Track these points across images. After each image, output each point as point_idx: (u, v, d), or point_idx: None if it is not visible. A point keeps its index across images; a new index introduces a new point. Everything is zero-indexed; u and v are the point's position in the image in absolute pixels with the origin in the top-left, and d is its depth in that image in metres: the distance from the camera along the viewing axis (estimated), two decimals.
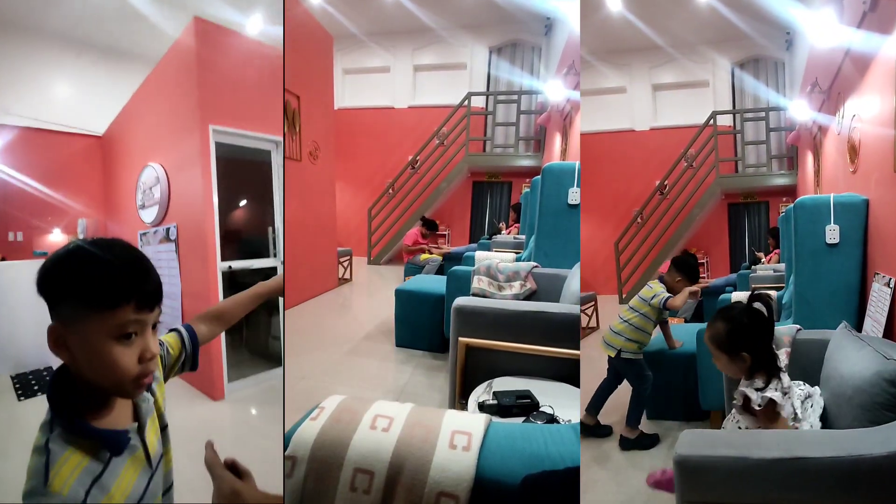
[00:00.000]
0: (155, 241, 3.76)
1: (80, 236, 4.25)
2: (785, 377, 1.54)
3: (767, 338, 1.56)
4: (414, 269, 5.37)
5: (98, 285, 0.79)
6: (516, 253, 3.90)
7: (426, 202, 7.21)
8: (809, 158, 5.36)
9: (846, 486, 1.13)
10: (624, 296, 6.96)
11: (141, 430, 0.90)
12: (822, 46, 3.32)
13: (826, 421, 1.68)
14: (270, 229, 3.79)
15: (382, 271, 6.83)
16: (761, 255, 5.93)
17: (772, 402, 1.49)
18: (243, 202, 3.97)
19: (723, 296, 3.92)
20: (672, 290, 2.61)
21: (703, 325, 2.69)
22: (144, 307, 0.82)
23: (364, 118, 8.09)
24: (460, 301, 2.25)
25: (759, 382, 1.52)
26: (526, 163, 7.07)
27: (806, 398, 1.60)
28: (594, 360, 3.28)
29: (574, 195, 2.63)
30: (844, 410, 1.48)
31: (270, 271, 3.77)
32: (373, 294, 5.76)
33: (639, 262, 6.97)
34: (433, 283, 3.70)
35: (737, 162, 7.01)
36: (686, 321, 3.03)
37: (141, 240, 3.94)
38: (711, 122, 6.73)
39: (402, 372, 3.14)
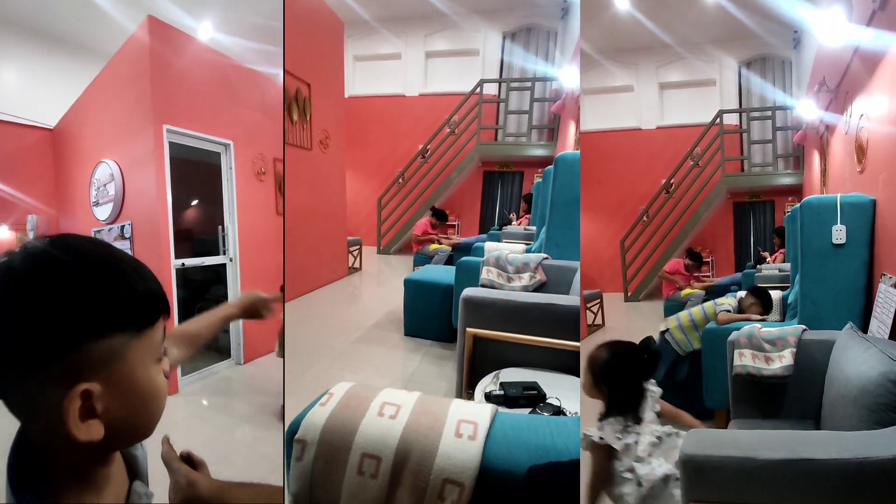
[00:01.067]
0: (109, 238, 3.76)
1: (31, 233, 4.13)
2: (643, 430, 1.43)
3: (633, 386, 1.46)
4: (423, 260, 5.36)
5: (131, 299, 0.59)
6: (526, 244, 3.88)
7: (436, 192, 7.12)
8: (816, 158, 5.33)
9: (852, 489, 1.13)
10: (629, 294, 6.95)
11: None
12: (830, 45, 3.30)
13: (826, 421, 1.68)
14: (220, 228, 3.90)
15: (392, 261, 6.79)
16: (766, 254, 5.91)
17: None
18: (195, 202, 4.08)
19: (728, 294, 3.91)
20: (743, 311, 2.78)
21: (709, 326, 2.70)
22: (168, 314, 0.67)
23: (375, 106, 8.00)
24: (469, 292, 2.25)
25: (604, 417, 1.46)
26: (538, 152, 6.96)
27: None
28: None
29: (839, 233, 2.40)
30: (850, 411, 1.48)
31: (220, 268, 3.89)
32: (382, 283, 5.76)
33: (644, 261, 6.95)
34: (442, 274, 3.72)
35: (743, 161, 6.98)
36: None
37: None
38: (718, 120, 6.71)
39: (410, 360, 3.15)
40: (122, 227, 3.68)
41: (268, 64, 4.43)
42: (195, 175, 3.97)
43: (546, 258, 2.46)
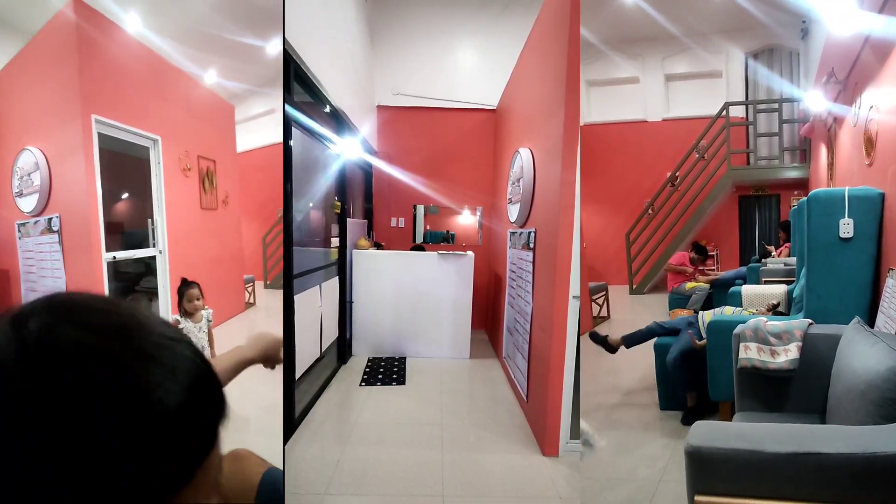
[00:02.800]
0: (35, 231, 3.59)
1: None
2: None
3: None
4: (679, 300, 5.08)
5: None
6: (788, 282, 3.69)
7: (689, 222, 6.76)
8: (823, 151, 5.29)
9: (860, 483, 1.12)
10: (634, 286, 6.94)
11: None
12: (840, 34, 3.24)
13: (832, 415, 1.67)
14: (150, 221, 3.89)
15: (647, 302, 6.35)
16: (771, 248, 5.88)
17: None
18: (125, 195, 4.03)
19: (732, 288, 3.90)
20: None
21: (714, 319, 2.69)
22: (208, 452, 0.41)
23: (614, 133, 7.61)
24: (698, 439, 1.35)
25: None
26: (793, 174, 6.62)
27: None
28: (602, 350, 3.28)
29: (846, 227, 2.35)
30: (856, 405, 1.47)
31: (151, 260, 3.89)
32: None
33: (649, 254, 6.94)
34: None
35: (748, 154, 6.93)
36: (695, 312, 3.04)
37: (19, 230, 3.75)
38: (724, 113, 6.66)
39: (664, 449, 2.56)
40: (50, 219, 3.48)
41: (194, 65, 4.44)
42: (124, 168, 3.92)
43: (811, 324, 2.10)
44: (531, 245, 3.14)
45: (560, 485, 2.32)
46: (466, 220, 5.45)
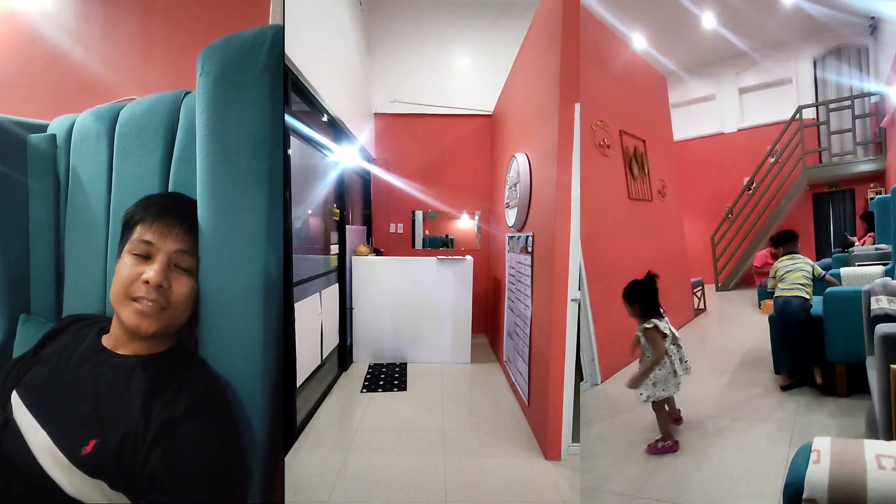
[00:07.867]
0: None
1: None
2: (663, 321, 2.36)
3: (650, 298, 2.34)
4: (767, 293, 5.35)
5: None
6: (883, 265, 3.75)
7: (767, 222, 7.08)
8: None
9: None
10: (720, 284, 7.27)
11: None
12: None
13: None
14: None
15: (732, 297, 6.72)
16: (854, 238, 5.98)
17: (655, 328, 2.30)
18: None
19: (832, 270, 4.07)
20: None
21: (830, 290, 2.95)
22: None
23: (695, 147, 8.18)
24: (886, 328, 1.79)
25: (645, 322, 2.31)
26: (867, 167, 6.72)
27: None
28: (703, 335, 3.58)
29: None
30: None
31: None
32: (730, 323, 5.35)
33: (732, 254, 7.31)
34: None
35: (820, 153, 7.07)
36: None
37: None
38: (797, 116, 6.89)
39: (787, 403, 2.85)
40: None
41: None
42: None
43: None
44: (529, 249, 3.12)
45: (563, 488, 2.30)
46: (465, 224, 5.42)
